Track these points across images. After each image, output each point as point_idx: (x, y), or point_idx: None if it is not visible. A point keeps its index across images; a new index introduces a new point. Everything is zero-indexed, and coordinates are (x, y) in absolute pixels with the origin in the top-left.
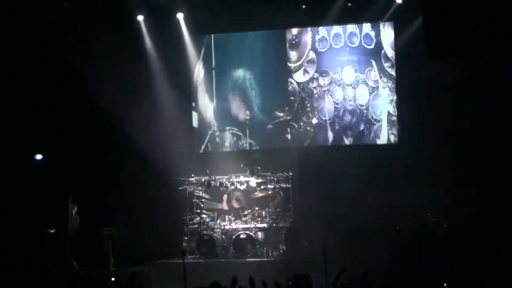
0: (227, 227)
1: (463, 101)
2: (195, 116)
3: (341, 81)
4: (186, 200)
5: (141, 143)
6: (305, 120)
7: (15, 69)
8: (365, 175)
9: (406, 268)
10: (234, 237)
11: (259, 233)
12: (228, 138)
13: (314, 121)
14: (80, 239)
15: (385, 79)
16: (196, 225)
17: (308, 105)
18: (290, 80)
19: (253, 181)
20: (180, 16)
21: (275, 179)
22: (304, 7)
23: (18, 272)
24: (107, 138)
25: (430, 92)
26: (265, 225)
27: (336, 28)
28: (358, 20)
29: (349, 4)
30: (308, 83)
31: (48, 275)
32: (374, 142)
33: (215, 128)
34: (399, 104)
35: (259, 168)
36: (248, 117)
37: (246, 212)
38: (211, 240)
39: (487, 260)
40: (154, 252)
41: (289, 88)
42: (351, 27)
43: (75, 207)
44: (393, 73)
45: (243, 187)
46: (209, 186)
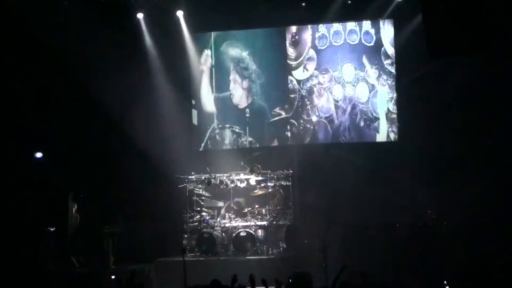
0: (227, 225)
1: (463, 98)
2: (194, 113)
3: (341, 79)
4: (186, 198)
5: (141, 141)
6: (305, 117)
7: (15, 68)
8: (365, 172)
9: (406, 266)
10: (234, 235)
11: (259, 231)
12: (228, 136)
13: (314, 118)
14: (80, 237)
15: (385, 76)
16: (196, 223)
17: (308, 102)
18: (290, 77)
19: (253, 179)
20: (180, 14)
21: (275, 177)
22: (304, 4)
23: (18, 270)
24: (107, 136)
25: (430, 90)
26: (265, 223)
27: (336, 26)
28: (358, 18)
29: (349, 2)
30: (308, 81)
31: (48, 273)
32: (374, 140)
33: (215, 126)
34: (399, 102)
35: (259, 166)
36: (248, 114)
37: (246, 210)
38: (211, 238)
39: (487, 258)
40: (154, 250)
41: (289, 85)
42: (351, 25)
43: (75, 205)
44: (393, 70)
45: (243, 185)
46: (209, 184)
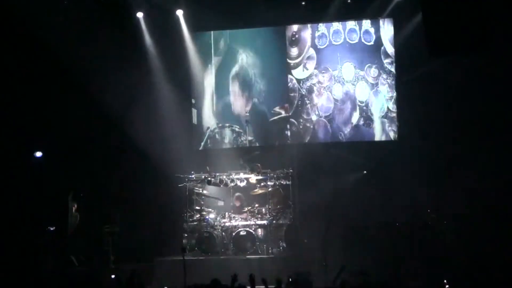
0: (227, 224)
1: (463, 97)
2: (194, 113)
3: (340, 78)
4: (186, 197)
5: (141, 140)
6: (305, 116)
7: (14, 67)
8: (365, 171)
9: (406, 265)
10: (234, 234)
11: (259, 230)
12: (227, 135)
13: (314, 117)
14: (80, 236)
15: (384, 75)
16: (196, 222)
17: (307, 101)
18: (289, 76)
19: (253, 178)
20: (179, 13)
21: (275, 176)
22: (303, 3)
23: (18, 269)
24: (107, 135)
25: (429, 89)
26: (265, 222)
27: (336, 25)
28: (358, 17)
29: (349, 1)
30: (307, 80)
31: (48, 273)
32: (373, 139)
33: (215, 125)
34: (399, 101)
35: (259, 165)
36: (248, 114)
37: (246, 208)
38: (211, 237)
39: (487, 257)
40: (154, 249)
41: (289, 84)
42: (350, 24)
43: (75, 205)
44: (393, 69)
45: (243, 184)
46: (209, 183)
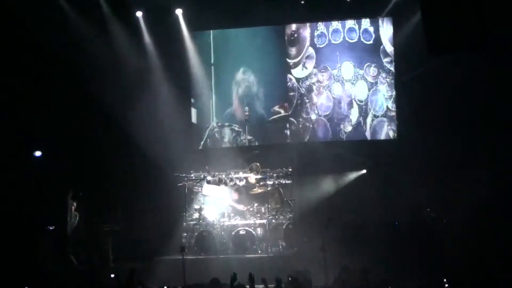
0: (226, 223)
1: (463, 96)
2: (194, 112)
3: (340, 77)
4: (186, 196)
5: (140, 139)
6: (304, 116)
7: (14, 67)
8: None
9: (406, 264)
10: (233, 233)
11: (259, 229)
12: (227, 134)
13: (313, 116)
14: (80, 235)
15: (384, 74)
16: (196, 222)
17: (307, 100)
18: (289, 76)
19: (252, 177)
20: (179, 12)
21: (275, 175)
22: (303, 2)
23: (18, 268)
24: (106, 134)
25: (429, 88)
26: (265, 221)
27: (335, 24)
28: (357, 16)
29: (348, 0)
30: (307, 79)
31: (47, 272)
32: (373, 138)
33: (214, 124)
34: (398, 100)
35: (258, 164)
36: (247, 113)
37: (246, 208)
38: (210, 236)
39: (486, 255)
40: (154, 248)
41: (288, 83)
42: (350, 23)
43: (74, 204)
44: (392, 68)
45: (242, 183)
46: (208, 182)
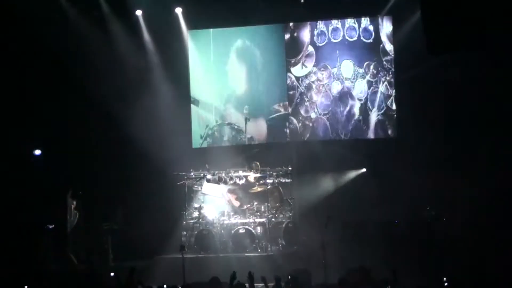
0: (226, 222)
1: (462, 95)
2: (193, 110)
3: (339, 75)
4: (185, 195)
5: (140, 137)
6: (304, 114)
7: (14, 65)
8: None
9: (405, 262)
10: (233, 232)
11: (258, 228)
12: (227, 133)
13: (313, 115)
14: (79, 234)
15: (383, 73)
16: (195, 220)
17: (306, 99)
18: (288, 74)
19: (252, 176)
20: (178, 11)
21: (274, 173)
22: (302, 1)
23: (17, 267)
24: (106, 132)
25: (429, 86)
26: (264, 219)
27: (335, 23)
28: (357, 15)
29: None
30: (306, 77)
31: (47, 271)
32: (373, 136)
33: (214, 123)
34: (398, 98)
35: (258, 162)
36: (247, 111)
37: (245, 206)
38: (210, 235)
39: (486, 254)
40: (153, 247)
41: (288, 82)
42: (349, 21)
43: (74, 203)
44: (392, 67)
45: (242, 182)
46: (208, 181)
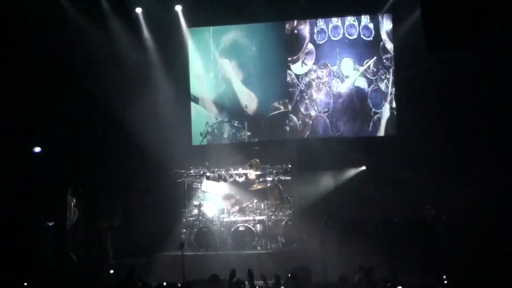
0: (226, 219)
1: (463, 93)
2: (193, 108)
3: (339, 73)
4: (185, 192)
5: (140, 135)
6: (304, 112)
7: (13, 63)
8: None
9: (405, 261)
10: (233, 229)
11: (258, 225)
12: (226, 130)
13: (312, 113)
14: (79, 231)
15: (383, 71)
16: (195, 218)
17: (306, 97)
18: (288, 72)
19: (252, 173)
20: (178, 9)
21: (274, 171)
22: None
23: (17, 265)
24: (106, 130)
25: (428, 85)
26: (264, 217)
27: (335, 20)
28: (357, 12)
29: None
30: (306, 75)
31: (46, 268)
32: (373, 134)
33: (214, 120)
34: (398, 96)
35: (257, 160)
36: (246, 109)
37: (245, 204)
38: (210, 233)
39: (486, 252)
40: (153, 244)
41: (288, 80)
42: (349, 19)
43: (74, 200)
44: (392, 65)
45: (241, 179)
46: (208, 178)
